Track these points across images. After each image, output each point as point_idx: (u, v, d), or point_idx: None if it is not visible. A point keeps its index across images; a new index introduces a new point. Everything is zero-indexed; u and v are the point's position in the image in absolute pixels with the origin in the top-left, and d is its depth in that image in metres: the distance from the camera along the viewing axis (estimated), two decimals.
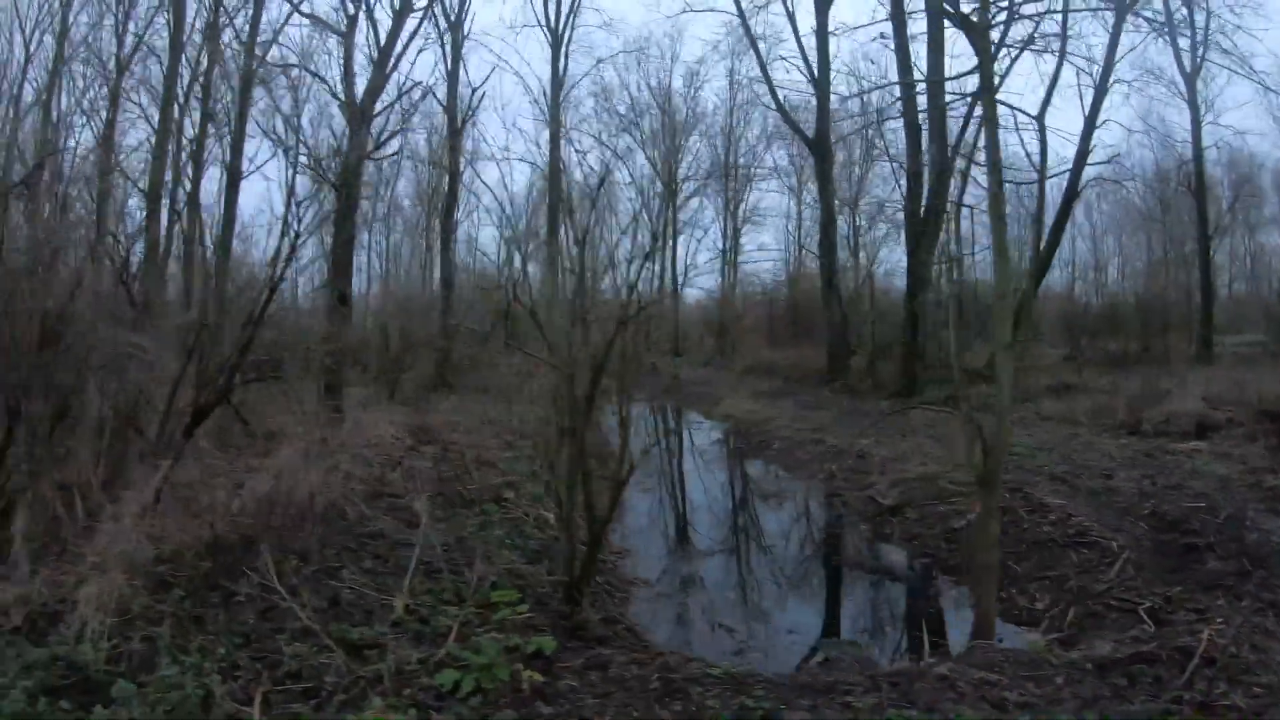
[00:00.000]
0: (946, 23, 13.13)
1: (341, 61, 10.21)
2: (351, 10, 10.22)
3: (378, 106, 10.16)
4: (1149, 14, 13.83)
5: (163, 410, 4.64)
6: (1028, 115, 12.85)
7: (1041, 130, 12.76)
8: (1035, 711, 3.10)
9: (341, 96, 10.24)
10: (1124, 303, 15.37)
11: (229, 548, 4.51)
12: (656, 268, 27.17)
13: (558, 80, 19.01)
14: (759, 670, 3.98)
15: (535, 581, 4.72)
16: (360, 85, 10.01)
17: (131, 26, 16.39)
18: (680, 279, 26.12)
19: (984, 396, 11.98)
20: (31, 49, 17.66)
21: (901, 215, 18.45)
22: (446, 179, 16.29)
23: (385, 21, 11.22)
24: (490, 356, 15.20)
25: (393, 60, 10.41)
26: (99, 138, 15.66)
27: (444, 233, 15.59)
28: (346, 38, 10.20)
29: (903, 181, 14.61)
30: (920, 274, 12.71)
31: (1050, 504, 6.36)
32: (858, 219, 21.69)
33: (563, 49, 19.03)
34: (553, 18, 19.29)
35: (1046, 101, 13.02)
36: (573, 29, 19.21)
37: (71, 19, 16.48)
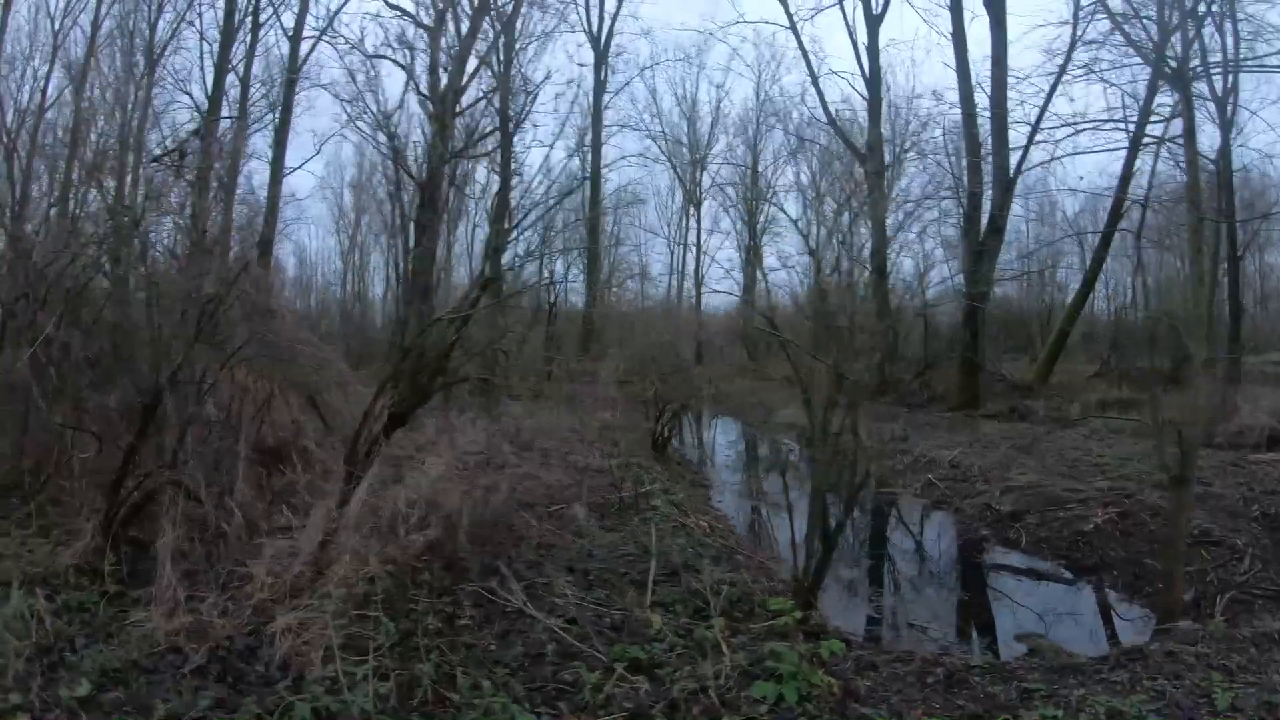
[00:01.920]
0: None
1: (428, 55, 10.05)
2: (441, 5, 10.09)
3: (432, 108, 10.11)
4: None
5: (363, 414, 4.40)
6: (1209, 160, 13.27)
7: (1223, 171, 13.21)
8: (1255, 673, 3.47)
9: (426, 91, 10.10)
10: (1159, 319, 15.81)
11: (441, 564, 4.25)
12: (674, 278, 27.31)
13: (599, 86, 19.03)
14: (1007, 660, 4.08)
15: (747, 588, 4.64)
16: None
17: (166, 13, 16.00)
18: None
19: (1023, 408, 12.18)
20: (59, 39, 17.11)
21: (934, 225, 18.81)
22: (493, 181, 16.11)
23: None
24: (536, 363, 15.03)
25: (472, 60, 10.33)
26: (130, 125, 15.21)
27: (495, 236, 15.36)
28: (433, 34, 10.09)
29: (959, 197, 14.89)
30: (980, 289, 12.98)
31: (1167, 509, 6.57)
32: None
33: (605, 55, 19.06)
34: (594, 23, 19.38)
35: (1225, 144, 13.40)
36: (611, 35, 19.30)
37: (104, 11, 16.01)
